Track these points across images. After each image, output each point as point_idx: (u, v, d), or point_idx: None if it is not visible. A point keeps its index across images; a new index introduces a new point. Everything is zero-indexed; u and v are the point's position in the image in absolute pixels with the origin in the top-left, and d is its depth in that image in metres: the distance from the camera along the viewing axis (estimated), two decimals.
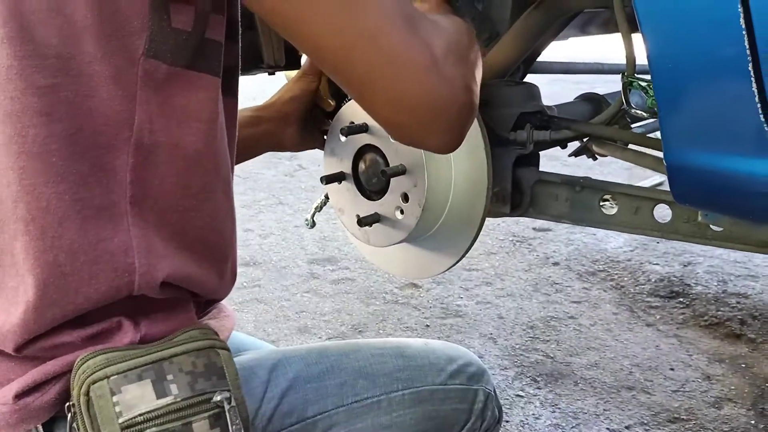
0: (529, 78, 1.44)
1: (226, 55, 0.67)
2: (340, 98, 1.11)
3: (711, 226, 0.95)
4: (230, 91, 0.71)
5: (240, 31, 0.71)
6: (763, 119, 0.63)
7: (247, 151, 1.03)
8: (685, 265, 2.68)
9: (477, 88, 0.66)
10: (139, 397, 0.60)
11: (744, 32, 0.61)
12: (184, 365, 0.63)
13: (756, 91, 0.62)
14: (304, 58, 1.27)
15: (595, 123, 1.12)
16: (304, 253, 2.95)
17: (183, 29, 0.61)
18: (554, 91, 2.71)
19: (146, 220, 0.64)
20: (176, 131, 0.63)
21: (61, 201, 0.60)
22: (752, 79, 0.62)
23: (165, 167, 0.63)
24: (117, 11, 0.58)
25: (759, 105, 0.63)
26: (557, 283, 2.61)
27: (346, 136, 1.06)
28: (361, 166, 1.10)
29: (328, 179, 1.12)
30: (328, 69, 0.61)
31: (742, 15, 0.61)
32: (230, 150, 0.72)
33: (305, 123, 1.13)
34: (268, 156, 4.80)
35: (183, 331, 0.66)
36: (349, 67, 0.58)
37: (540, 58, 1.47)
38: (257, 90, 2.54)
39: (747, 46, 0.61)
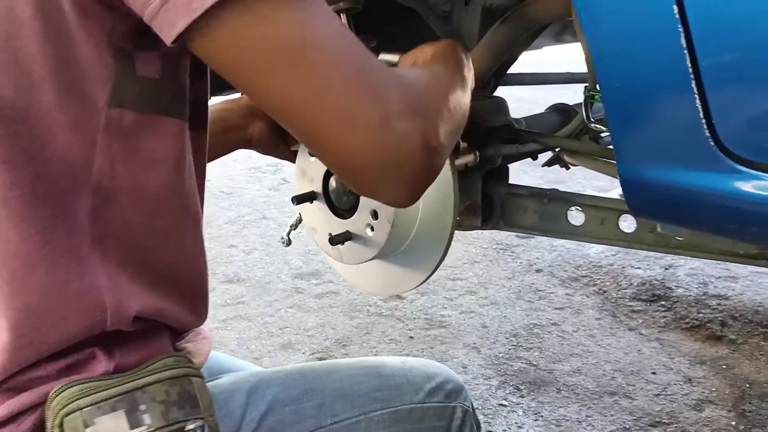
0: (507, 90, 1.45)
1: (195, 91, 0.67)
2: None
3: (674, 236, 0.97)
4: (199, 125, 0.71)
5: (208, 66, 0.70)
6: (708, 134, 0.65)
7: (216, 147, 1.01)
8: (666, 268, 2.70)
9: (441, 143, 0.61)
10: (112, 428, 0.60)
11: (685, 51, 0.63)
12: (157, 394, 0.63)
13: (700, 107, 0.64)
14: None
15: (561, 135, 1.14)
16: (288, 268, 2.94)
17: (149, 77, 0.61)
18: (542, 95, 2.73)
19: (111, 259, 0.64)
20: (141, 175, 0.64)
21: (29, 245, 0.61)
22: (696, 95, 0.64)
23: (128, 209, 0.64)
24: (75, 62, 0.58)
25: (704, 120, 0.64)
26: (540, 290, 2.63)
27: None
28: (332, 184, 1.11)
29: (299, 199, 1.13)
30: (276, 119, 0.59)
31: (683, 34, 0.62)
32: (199, 184, 0.72)
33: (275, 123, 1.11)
34: (251, 171, 4.77)
35: (157, 359, 0.66)
36: (296, 123, 0.56)
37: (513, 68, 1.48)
38: None
39: (689, 65, 0.63)
